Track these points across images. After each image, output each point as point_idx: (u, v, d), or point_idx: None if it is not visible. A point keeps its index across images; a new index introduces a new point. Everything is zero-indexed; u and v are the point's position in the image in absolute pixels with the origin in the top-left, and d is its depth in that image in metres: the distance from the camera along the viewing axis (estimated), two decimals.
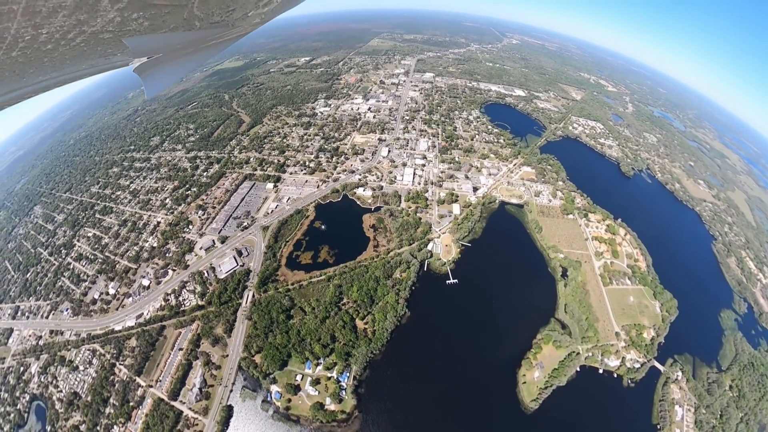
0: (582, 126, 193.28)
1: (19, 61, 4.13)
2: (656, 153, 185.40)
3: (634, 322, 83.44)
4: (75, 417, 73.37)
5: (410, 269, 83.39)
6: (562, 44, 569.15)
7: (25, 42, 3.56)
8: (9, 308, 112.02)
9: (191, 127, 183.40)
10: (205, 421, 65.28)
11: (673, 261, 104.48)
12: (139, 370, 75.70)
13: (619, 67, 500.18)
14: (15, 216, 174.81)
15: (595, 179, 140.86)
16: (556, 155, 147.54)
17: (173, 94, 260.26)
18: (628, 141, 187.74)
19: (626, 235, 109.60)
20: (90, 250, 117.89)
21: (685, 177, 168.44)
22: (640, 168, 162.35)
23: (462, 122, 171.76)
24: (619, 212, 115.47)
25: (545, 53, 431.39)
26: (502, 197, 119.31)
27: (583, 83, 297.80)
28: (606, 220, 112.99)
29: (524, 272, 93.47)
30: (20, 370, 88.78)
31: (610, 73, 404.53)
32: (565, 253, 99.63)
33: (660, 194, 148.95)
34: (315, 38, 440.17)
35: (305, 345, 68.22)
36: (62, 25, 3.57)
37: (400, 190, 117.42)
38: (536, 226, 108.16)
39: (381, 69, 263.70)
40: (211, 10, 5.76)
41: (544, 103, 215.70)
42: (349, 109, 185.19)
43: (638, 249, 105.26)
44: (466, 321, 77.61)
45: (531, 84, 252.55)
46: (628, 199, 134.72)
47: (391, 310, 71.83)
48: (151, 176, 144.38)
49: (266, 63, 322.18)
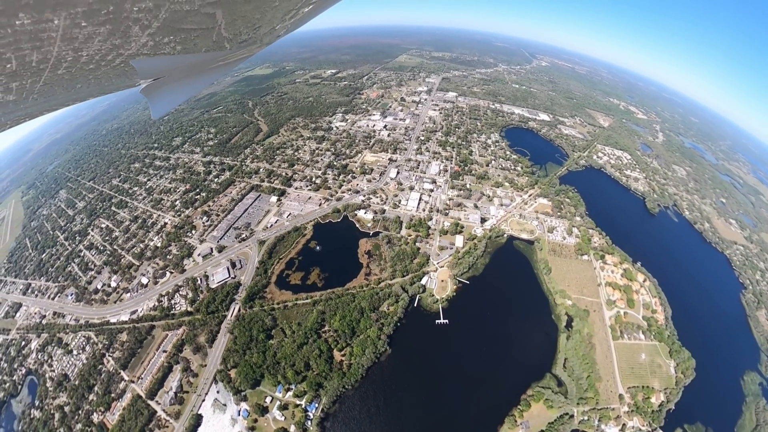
0: (608, 155, 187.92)
1: (65, 78, 4.84)
2: (685, 188, 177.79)
3: (643, 383, 78.04)
4: (61, 397, 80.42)
5: (398, 303, 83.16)
6: (592, 68, 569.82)
7: (68, 62, 4.21)
8: (22, 284, 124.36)
9: (212, 131, 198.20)
10: (175, 425, 68.80)
11: (696, 313, 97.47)
12: (125, 365, 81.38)
13: (651, 94, 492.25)
14: (42, 196, 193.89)
15: (616, 216, 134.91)
16: (577, 187, 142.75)
17: (202, 96, 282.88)
18: (655, 174, 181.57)
19: (645, 281, 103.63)
20: (101, 240, 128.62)
21: (715, 215, 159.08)
22: (667, 204, 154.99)
23: (479, 146, 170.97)
24: (640, 254, 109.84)
25: (574, 77, 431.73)
26: (512, 231, 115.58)
27: (611, 109, 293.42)
28: (624, 263, 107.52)
29: (524, 318, 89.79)
30: (22, 344, 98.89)
31: (640, 99, 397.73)
32: (574, 299, 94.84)
33: (687, 234, 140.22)
34: (345, 51, 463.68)
35: (279, 368, 70.43)
36: (99, 49, 4.16)
37: (402, 215, 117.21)
38: (545, 267, 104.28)
39: (404, 86, 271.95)
40: (239, 30, 6.04)
41: (568, 129, 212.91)
42: (365, 125, 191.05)
43: (657, 298, 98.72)
44: (450, 366, 75.82)
45: (557, 108, 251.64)
46: (651, 239, 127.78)
47: (371, 346, 72.40)
48: (167, 176, 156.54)
49: (294, 72, 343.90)
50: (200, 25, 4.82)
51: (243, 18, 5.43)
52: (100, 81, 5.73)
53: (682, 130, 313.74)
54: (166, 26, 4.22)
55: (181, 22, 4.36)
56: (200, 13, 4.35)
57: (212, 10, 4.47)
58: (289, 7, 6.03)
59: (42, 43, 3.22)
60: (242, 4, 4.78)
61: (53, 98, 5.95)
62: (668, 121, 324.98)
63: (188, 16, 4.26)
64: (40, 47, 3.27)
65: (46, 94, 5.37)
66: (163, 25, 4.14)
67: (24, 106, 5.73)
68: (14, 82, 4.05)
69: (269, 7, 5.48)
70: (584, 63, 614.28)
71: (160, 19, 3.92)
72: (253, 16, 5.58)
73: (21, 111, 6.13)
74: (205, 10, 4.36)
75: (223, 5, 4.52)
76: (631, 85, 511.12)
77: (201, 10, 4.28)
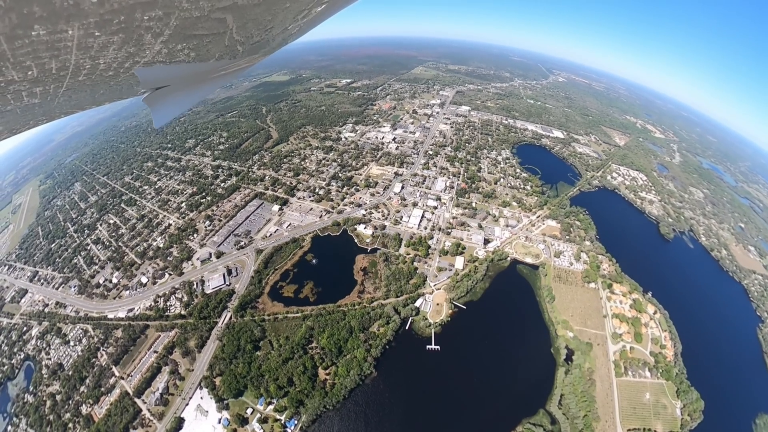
0: (622, 176, 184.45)
1: (86, 84, 5.13)
2: (702, 211, 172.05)
3: (645, 425, 74.42)
4: (54, 386, 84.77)
5: (389, 325, 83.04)
6: (610, 84, 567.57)
7: (87, 69, 4.47)
8: (30, 271, 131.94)
9: (224, 135, 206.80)
10: (158, 426, 71.13)
11: (708, 349, 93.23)
12: (117, 361, 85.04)
13: (669, 112, 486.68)
14: (58, 187, 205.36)
15: (628, 241, 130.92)
16: (588, 209, 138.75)
17: (219, 99, 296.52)
18: (671, 196, 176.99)
19: (655, 313, 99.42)
20: (107, 236, 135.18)
21: (733, 242, 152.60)
22: (682, 229, 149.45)
23: (489, 162, 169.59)
24: (651, 283, 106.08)
25: (591, 93, 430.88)
26: (516, 254, 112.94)
27: (628, 127, 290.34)
28: (633, 293, 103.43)
29: (521, 349, 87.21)
30: (23, 330, 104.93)
31: (658, 117, 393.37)
32: (576, 331, 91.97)
33: (702, 262, 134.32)
34: (361, 61, 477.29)
35: (262, 381, 71.79)
36: (116, 57, 4.41)
37: (403, 232, 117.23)
38: (548, 294, 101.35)
39: (417, 98, 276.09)
40: (250, 32, 6.12)
41: (583, 147, 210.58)
42: (374, 137, 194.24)
43: (667, 332, 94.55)
44: (437, 395, 74.80)
45: (571, 125, 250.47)
46: (664, 267, 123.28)
47: (357, 367, 72.79)
48: (177, 177, 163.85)
49: (310, 80, 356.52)
50: (211, 31, 5.01)
51: (254, 21, 5.54)
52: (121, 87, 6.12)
53: (700, 150, 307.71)
54: (177, 33, 4.46)
55: (192, 28, 4.58)
56: (210, 18, 4.56)
57: (222, 15, 4.65)
58: (300, 8, 6.13)
59: (59, 52, 3.58)
60: (252, 7, 4.87)
61: (76, 101, 6.42)
62: (686, 141, 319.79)
63: (199, 22, 4.46)
64: (58, 56, 3.65)
65: (69, 98, 5.76)
66: (174, 33, 4.37)
67: (49, 108, 6.21)
68: (37, 87, 4.49)
69: (280, 9, 5.54)
70: (602, 79, 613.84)
71: (171, 26, 4.16)
72: (264, 18, 5.65)
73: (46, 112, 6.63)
74: (215, 16, 4.56)
75: (233, 9, 4.66)
76: (649, 102, 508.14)
77: (211, 16, 4.48)
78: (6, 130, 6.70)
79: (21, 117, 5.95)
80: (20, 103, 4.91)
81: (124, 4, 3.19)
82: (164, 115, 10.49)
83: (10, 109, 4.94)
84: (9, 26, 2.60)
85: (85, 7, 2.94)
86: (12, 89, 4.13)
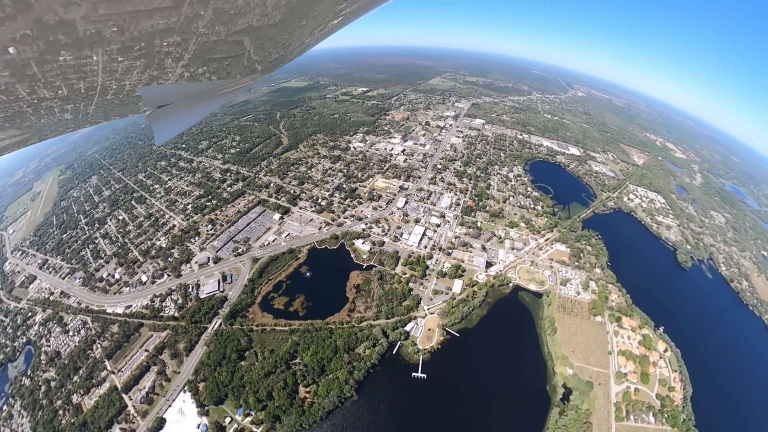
0: (639, 198, 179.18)
1: (115, 103, 5.63)
2: (723, 238, 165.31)
3: None
4: (50, 372, 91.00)
5: (375, 348, 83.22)
6: (630, 100, 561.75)
7: (114, 90, 4.96)
8: (40, 258, 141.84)
9: (236, 139, 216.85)
10: (141, 423, 75.00)
11: (721, 393, 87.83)
12: (110, 355, 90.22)
13: (690, 130, 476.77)
14: (76, 179, 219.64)
15: (642, 269, 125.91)
16: (601, 233, 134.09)
17: (237, 103, 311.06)
18: (690, 221, 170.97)
19: (666, 351, 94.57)
20: (115, 231, 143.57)
21: (755, 272, 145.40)
22: (701, 257, 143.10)
23: (499, 179, 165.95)
24: (664, 317, 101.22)
25: (611, 108, 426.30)
26: (519, 280, 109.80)
27: (648, 145, 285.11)
28: (643, 328, 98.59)
29: (513, 385, 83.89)
30: (28, 315, 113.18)
31: (679, 135, 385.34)
32: (576, 368, 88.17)
33: (721, 294, 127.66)
34: (380, 69, 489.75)
35: (243, 392, 74.10)
36: (140, 79, 4.83)
37: (401, 250, 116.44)
38: (550, 326, 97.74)
39: (431, 109, 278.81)
40: (268, 51, 6.38)
41: (599, 166, 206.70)
42: (383, 148, 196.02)
43: (677, 373, 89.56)
44: (418, 427, 73.66)
45: (589, 142, 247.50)
46: (679, 299, 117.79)
47: (337, 388, 73.75)
48: (186, 179, 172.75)
49: (326, 88, 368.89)
50: (230, 53, 5.23)
51: (271, 40, 5.73)
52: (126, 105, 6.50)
53: (723, 171, 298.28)
54: (197, 57, 4.73)
55: (210, 52, 4.82)
56: (228, 42, 4.74)
57: (239, 37, 4.81)
58: (317, 23, 6.29)
59: (86, 74, 3.93)
60: (268, 29, 5.01)
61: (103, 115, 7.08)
62: (707, 161, 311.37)
63: (217, 45, 4.68)
64: (85, 77, 4.00)
65: (98, 114, 6.30)
66: (194, 57, 4.65)
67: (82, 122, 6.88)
68: (68, 104, 4.89)
69: (297, 27, 5.70)
70: (623, 95, 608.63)
71: (190, 51, 4.43)
72: (281, 36, 5.84)
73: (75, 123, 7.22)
74: (233, 39, 4.73)
75: (249, 32, 4.80)
76: (670, 119, 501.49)
77: (228, 39, 4.66)
78: (36, 137, 7.53)
79: (52, 127, 6.57)
80: (53, 118, 5.46)
81: (143, 31, 3.51)
82: (166, 132, 10.88)
83: (44, 122, 5.53)
84: (38, 52, 3.03)
85: (107, 35, 3.31)
86: (45, 105, 4.63)
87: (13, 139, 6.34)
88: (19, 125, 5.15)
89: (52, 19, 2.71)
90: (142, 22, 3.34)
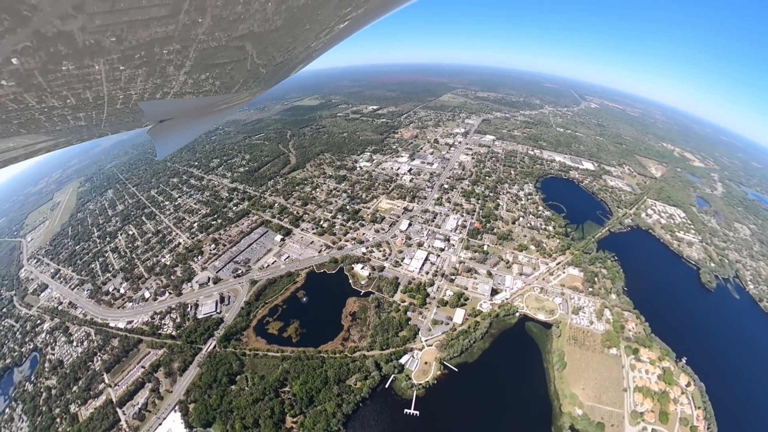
0: (658, 213, 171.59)
1: (125, 112, 5.86)
2: (749, 252, 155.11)
3: None
4: (52, 380, 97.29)
5: (367, 381, 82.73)
6: (645, 110, 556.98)
7: (122, 99, 5.13)
8: (53, 267, 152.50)
9: (246, 157, 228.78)
10: None
11: (750, 431, 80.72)
12: (109, 368, 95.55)
13: (708, 137, 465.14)
14: (94, 191, 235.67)
15: (662, 293, 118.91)
16: (618, 253, 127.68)
17: (250, 120, 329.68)
18: (713, 235, 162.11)
19: (689, 385, 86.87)
20: (124, 246, 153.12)
21: None
22: (726, 276, 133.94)
23: (508, 199, 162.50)
24: (687, 347, 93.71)
25: (625, 119, 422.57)
26: (527, 309, 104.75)
27: (665, 156, 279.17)
28: (663, 360, 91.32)
29: (513, 426, 79.29)
30: (37, 322, 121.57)
31: (697, 144, 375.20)
32: (587, 408, 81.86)
33: (749, 317, 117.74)
34: (392, 87, 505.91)
35: (230, 417, 76.40)
36: (144, 88, 4.98)
37: (402, 276, 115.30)
38: (559, 360, 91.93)
39: (441, 126, 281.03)
40: (272, 55, 6.49)
41: (615, 180, 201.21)
42: (389, 167, 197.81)
43: (701, 410, 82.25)
44: None
45: (603, 155, 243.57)
46: (704, 325, 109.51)
47: (323, 421, 74.45)
48: (195, 196, 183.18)
49: (338, 106, 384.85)
50: (232, 58, 5.38)
51: (273, 44, 5.82)
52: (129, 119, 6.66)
53: (744, 178, 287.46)
54: (198, 64, 4.92)
55: (212, 58, 4.99)
56: (229, 47, 4.87)
57: (240, 43, 4.94)
58: (321, 27, 6.38)
59: (91, 84, 4.14)
60: (269, 33, 5.10)
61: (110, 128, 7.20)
62: (728, 169, 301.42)
63: (218, 51, 4.85)
64: (91, 87, 4.24)
65: (112, 123, 6.50)
66: (195, 63, 4.85)
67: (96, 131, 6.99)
68: (79, 113, 5.15)
69: (300, 30, 5.78)
70: (636, 104, 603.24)
71: (191, 58, 4.62)
72: (285, 40, 5.92)
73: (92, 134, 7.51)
74: (234, 44, 4.86)
75: (250, 37, 4.88)
76: (687, 127, 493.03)
77: (229, 45, 4.79)
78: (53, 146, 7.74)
79: (69, 135, 6.84)
80: (67, 125, 5.63)
81: (142, 40, 3.66)
82: (168, 146, 11.00)
83: (59, 129, 5.74)
84: (40, 62, 3.23)
85: (106, 45, 3.45)
86: (56, 113, 4.77)
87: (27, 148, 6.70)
88: (35, 131, 5.36)
89: (51, 32, 2.90)
90: (140, 31, 3.50)
